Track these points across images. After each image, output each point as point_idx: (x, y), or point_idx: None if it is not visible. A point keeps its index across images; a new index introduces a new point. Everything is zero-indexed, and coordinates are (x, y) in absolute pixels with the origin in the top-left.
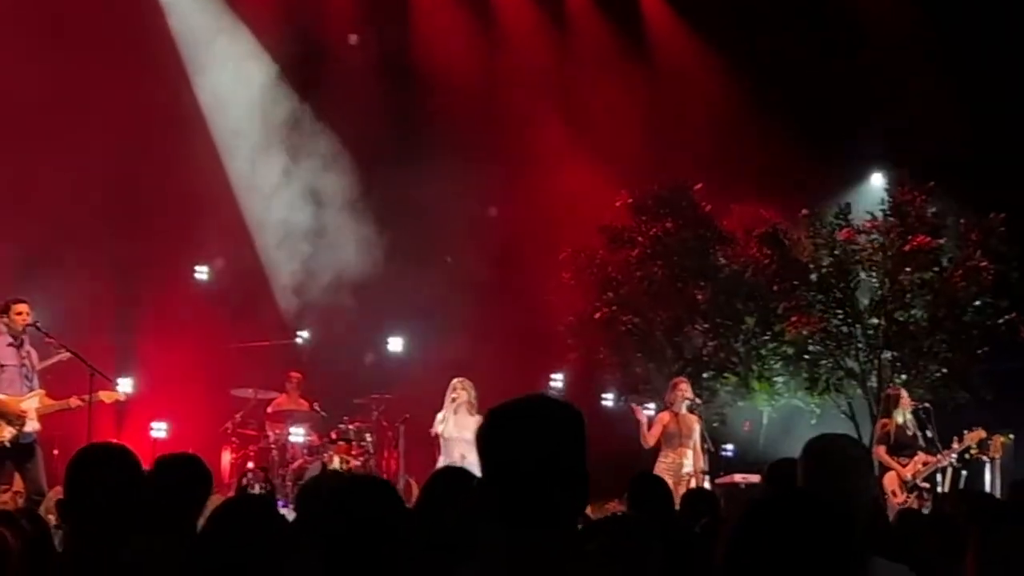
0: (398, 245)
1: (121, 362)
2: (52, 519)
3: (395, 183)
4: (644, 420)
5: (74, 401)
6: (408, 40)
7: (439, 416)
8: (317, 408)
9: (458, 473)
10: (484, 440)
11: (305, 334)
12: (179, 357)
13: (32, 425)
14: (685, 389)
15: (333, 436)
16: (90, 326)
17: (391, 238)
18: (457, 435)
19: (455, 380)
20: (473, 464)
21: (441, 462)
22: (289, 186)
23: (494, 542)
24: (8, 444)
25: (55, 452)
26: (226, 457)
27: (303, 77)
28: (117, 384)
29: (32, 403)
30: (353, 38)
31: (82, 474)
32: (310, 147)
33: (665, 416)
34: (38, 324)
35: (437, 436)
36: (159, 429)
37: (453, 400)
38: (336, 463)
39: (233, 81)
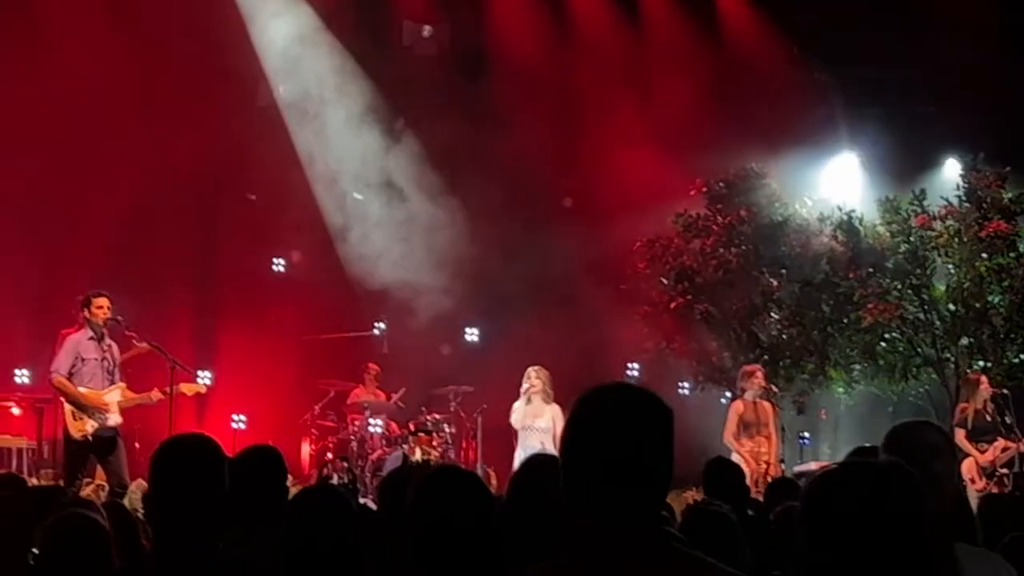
0: (474, 237)
1: (201, 355)
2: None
3: (472, 174)
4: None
5: (156, 394)
6: (483, 31)
7: (515, 406)
8: (395, 399)
9: (547, 461)
10: (573, 427)
11: (382, 325)
12: (258, 349)
13: (114, 418)
14: (760, 377)
15: (412, 427)
16: (170, 319)
17: (467, 229)
18: (531, 424)
19: (529, 369)
20: (547, 452)
21: (518, 452)
22: (367, 178)
23: (585, 531)
24: (91, 437)
25: (137, 445)
26: (305, 448)
27: (380, 70)
28: (198, 376)
29: (114, 396)
30: (428, 29)
31: (168, 466)
32: (389, 139)
33: (740, 405)
34: (119, 318)
35: (515, 427)
36: (239, 421)
37: (527, 389)
38: (418, 455)
39: (310, 75)
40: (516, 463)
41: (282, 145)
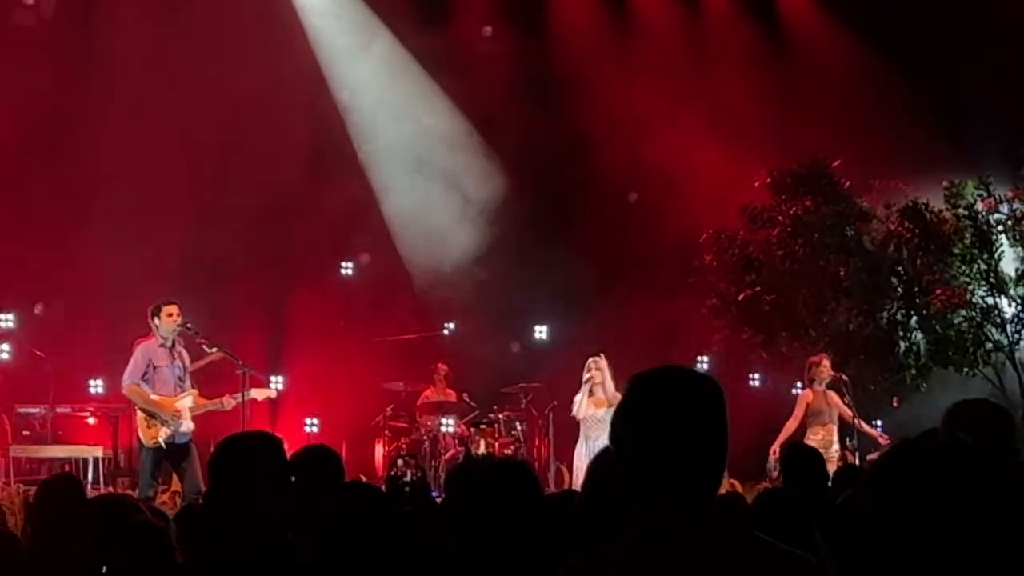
0: (541, 235)
1: (272, 359)
2: None
3: (538, 173)
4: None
5: (227, 400)
6: (544, 29)
7: (576, 398)
8: (466, 398)
9: None
10: (628, 403)
11: (452, 325)
12: (329, 353)
13: (187, 425)
14: (827, 366)
15: (483, 421)
16: (241, 325)
17: (535, 228)
18: (594, 414)
19: (589, 360)
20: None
21: (580, 443)
22: (433, 180)
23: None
24: (164, 444)
25: (211, 451)
26: (379, 450)
27: (441, 70)
28: (269, 382)
29: (186, 403)
30: (488, 30)
31: (227, 462)
32: (454, 141)
33: (809, 394)
34: (189, 325)
35: (577, 417)
36: (312, 424)
37: (588, 380)
38: (482, 447)
39: (371, 77)
40: (578, 454)
41: (347, 149)
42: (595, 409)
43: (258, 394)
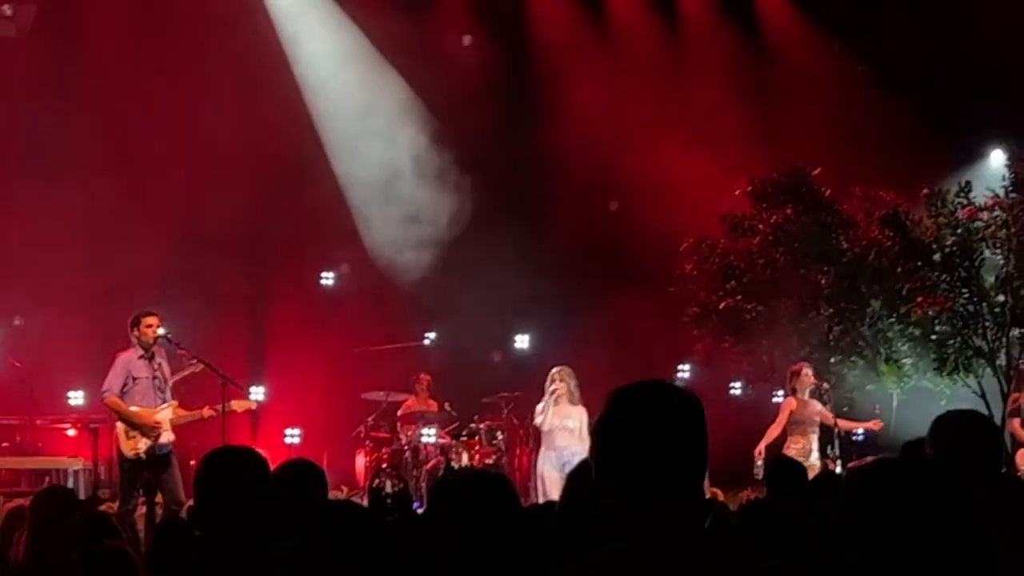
0: (521, 244)
1: (253, 370)
2: None
3: (518, 182)
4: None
5: (207, 411)
6: (522, 37)
7: (538, 408)
8: (447, 408)
9: None
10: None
11: (433, 335)
12: (309, 363)
13: (167, 436)
14: (809, 374)
15: (464, 433)
16: (221, 335)
17: (514, 238)
18: (559, 424)
19: (553, 371)
20: (577, 452)
21: (542, 454)
22: (411, 189)
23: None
24: (144, 456)
25: (192, 462)
26: (360, 460)
27: (421, 82)
28: (249, 393)
29: (166, 414)
30: (467, 39)
31: (212, 477)
32: (431, 149)
33: (792, 402)
34: (169, 336)
35: (539, 428)
36: (293, 435)
37: (553, 392)
38: (464, 458)
39: (346, 86)
40: (541, 464)
41: (324, 159)
42: (562, 420)
43: (238, 406)
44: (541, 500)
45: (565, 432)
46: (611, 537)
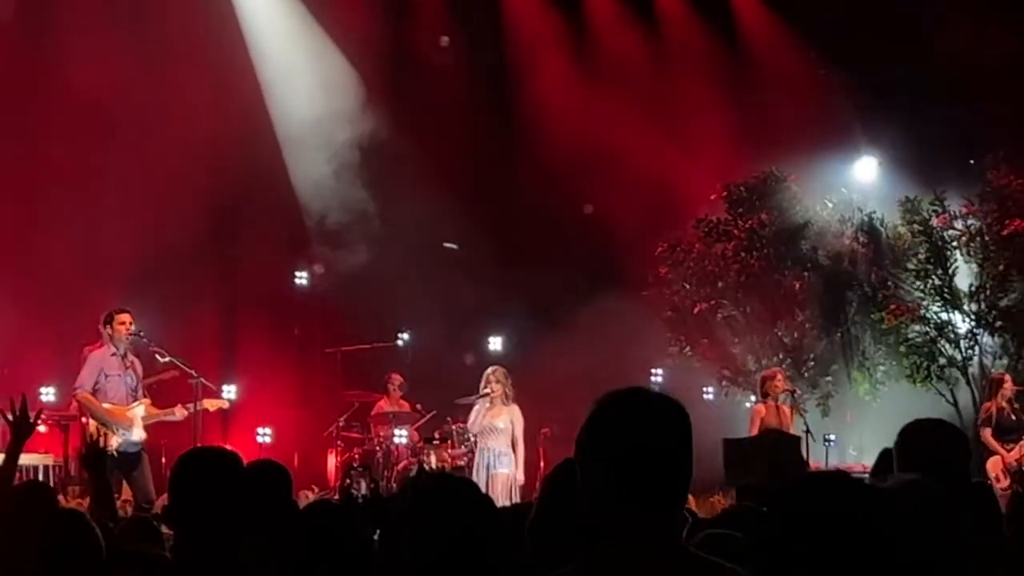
0: (496, 246)
1: (225, 368)
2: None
3: (491, 185)
4: None
5: (179, 411)
6: (499, 38)
7: (475, 408)
8: (420, 409)
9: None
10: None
11: (406, 336)
12: (283, 363)
13: (138, 434)
14: (781, 380)
15: (437, 435)
16: (194, 333)
17: (489, 240)
18: (488, 424)
19: (488, 372)
20: (503, 453)
21: (477, 455)
22: (386, 189)
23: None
24: (115, 453)
25: (163, 460)
26: (331, 460)
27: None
28: (222, 391)
29: (138, 412)
30: (444, 40)
31: (186, 476)
32: (403, 145)
33: (762, 408)
34: (142, 333)
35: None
36: (264, 434)
37: (487, 394)
38: (434, 462)
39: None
40: (476, 467)
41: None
42: (492, 420)
43: (210, 404)
44: None
45: (494, 433)
46: (589, 549)
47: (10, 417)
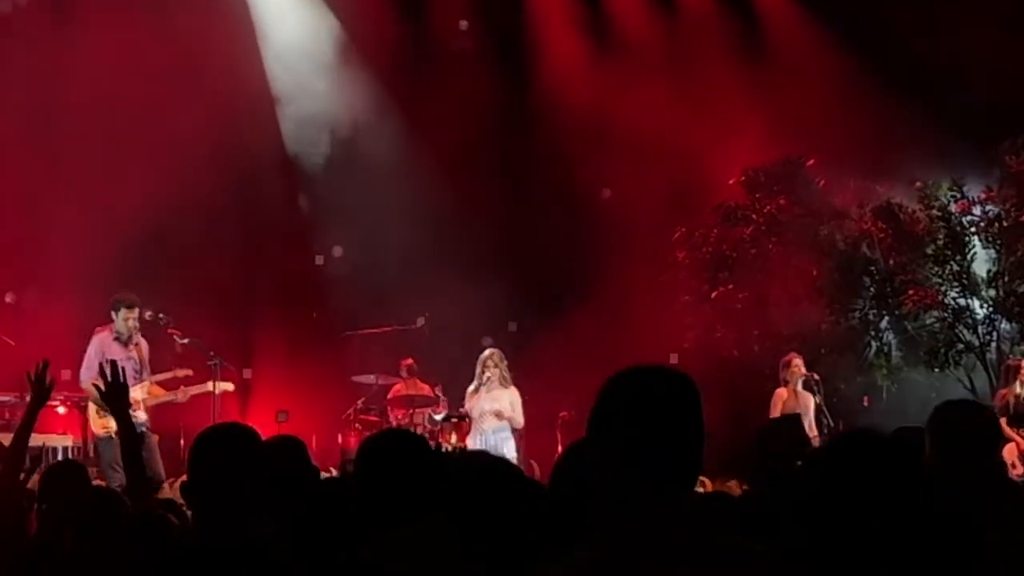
0: (514, 229)
1: (243, 351)
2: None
3: (510, 168)
4: None
5: (181, 393)
6: (517, 23)
7: (469, 390)
8: (438, 392)
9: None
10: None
11: (423, 319)
12: (301, 345)
13: (139, 415)
14: (799, 365)
15: (453, 415)
16: (211, 315)
17: (505, 223)
18: (488, 408)
19: (484, 355)
20: (504, 435)
21: (471, 438)
22: (403, 172)
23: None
24: (115, 435)
25: (181, 443)
26: (351, 443)
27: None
28: (241, 372)
29: (139, 393)
30: (464, 23)
31: (205, 450)
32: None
33: (783, 392)
34: (161, 316)
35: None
36: (282, 417)
37: (486, 378)
38: (453, 440)
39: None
40: (470, 447)
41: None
42: (490, 404)
43: (215, 387)
44: None
45: (493, 416)
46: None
47: (33, 377)
